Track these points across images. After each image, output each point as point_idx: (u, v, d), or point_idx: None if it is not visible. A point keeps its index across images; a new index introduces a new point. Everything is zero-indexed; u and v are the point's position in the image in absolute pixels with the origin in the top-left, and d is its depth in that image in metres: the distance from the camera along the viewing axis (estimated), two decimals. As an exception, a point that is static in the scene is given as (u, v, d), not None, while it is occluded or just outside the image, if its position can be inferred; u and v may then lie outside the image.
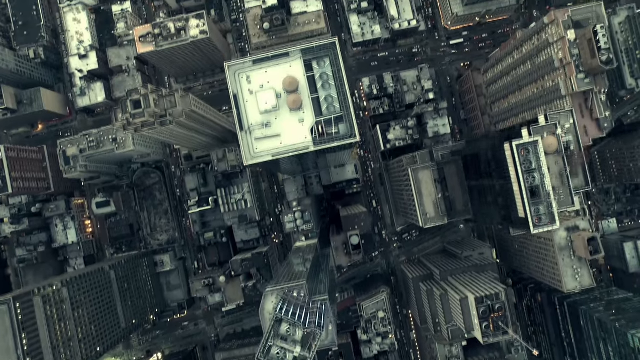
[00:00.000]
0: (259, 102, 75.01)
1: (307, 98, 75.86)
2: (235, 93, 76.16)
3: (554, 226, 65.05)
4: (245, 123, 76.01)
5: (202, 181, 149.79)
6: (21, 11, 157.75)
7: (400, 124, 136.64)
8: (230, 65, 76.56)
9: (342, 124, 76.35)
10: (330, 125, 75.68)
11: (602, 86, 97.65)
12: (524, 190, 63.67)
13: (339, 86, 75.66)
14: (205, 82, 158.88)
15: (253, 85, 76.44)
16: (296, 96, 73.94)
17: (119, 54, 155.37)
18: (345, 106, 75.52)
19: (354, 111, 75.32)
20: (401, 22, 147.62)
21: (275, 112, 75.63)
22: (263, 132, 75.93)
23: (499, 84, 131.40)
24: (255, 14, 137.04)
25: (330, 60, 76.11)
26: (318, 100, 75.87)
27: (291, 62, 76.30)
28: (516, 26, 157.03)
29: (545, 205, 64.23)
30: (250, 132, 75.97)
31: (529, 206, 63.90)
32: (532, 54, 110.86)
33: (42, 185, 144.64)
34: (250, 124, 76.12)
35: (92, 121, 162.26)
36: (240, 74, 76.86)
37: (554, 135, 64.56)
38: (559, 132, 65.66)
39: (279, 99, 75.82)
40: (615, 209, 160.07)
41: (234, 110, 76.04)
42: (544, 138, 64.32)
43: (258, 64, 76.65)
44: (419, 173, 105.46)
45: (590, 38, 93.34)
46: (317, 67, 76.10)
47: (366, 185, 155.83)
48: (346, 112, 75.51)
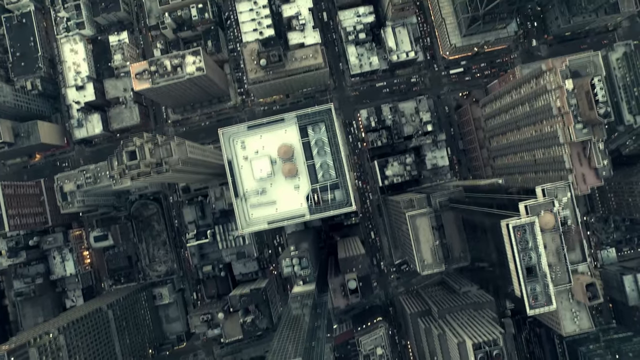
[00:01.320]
0: (253, 170, 74.60)
1: (302, 164, 75.40)
2: (229, 159, 75.64)
3: (550, 307, 64.80)
4: (240, 190, 75.56)
5: (200, 214, 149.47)
6: (19, 42, 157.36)
7: (398, 160, 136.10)
8: (224, 132, 75.92)
9: (338, 190, 75.86)
10: (326, 191, 75.18)
11: (600, 136, 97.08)
12: (520, 270, 63.31)
13: (334, 152, 75.17)
14: (202, 112, 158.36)
15: (248, 151, 75.97)
16: (291, 165, 73.48)
17: (115, 85, 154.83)
18: (341, 173, 75.03)
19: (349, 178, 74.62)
20: (399, 54, 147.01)
21: (271, 179, 75.12)
22: (258, 199, 75.55)
23: (497, 120, 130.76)
24: (251, 48, 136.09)
25: (326, 125, 75.61)
26: (314, 166, 75.40)
27: (286, 127, 75.83)
28: (514, 55, 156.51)
29: (542, 285, 63.90)
30: (245, 199, 75.55)
31: (525, 286, 63.53)
32: (530, 97, 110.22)
33: (39, 220, 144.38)
34: (246, 191, 75.71)
35: (89, 151, 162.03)
36: (235, 139, 76.34)
37: (551, 213, 64.14)
38: (557, 208, 65.16)
39: (274, 165, 75.38)
40: (614, 237, 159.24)
41: (229, 177, 75.47)
42: (541, 216, 63.87)
43: (253, 129, 76.14)
44: (417, 220, 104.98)
45: (587, 90, 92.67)
46: (312, 132, 75.65)
47: (364, 216, 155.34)
48: (342, 179, 75.02)
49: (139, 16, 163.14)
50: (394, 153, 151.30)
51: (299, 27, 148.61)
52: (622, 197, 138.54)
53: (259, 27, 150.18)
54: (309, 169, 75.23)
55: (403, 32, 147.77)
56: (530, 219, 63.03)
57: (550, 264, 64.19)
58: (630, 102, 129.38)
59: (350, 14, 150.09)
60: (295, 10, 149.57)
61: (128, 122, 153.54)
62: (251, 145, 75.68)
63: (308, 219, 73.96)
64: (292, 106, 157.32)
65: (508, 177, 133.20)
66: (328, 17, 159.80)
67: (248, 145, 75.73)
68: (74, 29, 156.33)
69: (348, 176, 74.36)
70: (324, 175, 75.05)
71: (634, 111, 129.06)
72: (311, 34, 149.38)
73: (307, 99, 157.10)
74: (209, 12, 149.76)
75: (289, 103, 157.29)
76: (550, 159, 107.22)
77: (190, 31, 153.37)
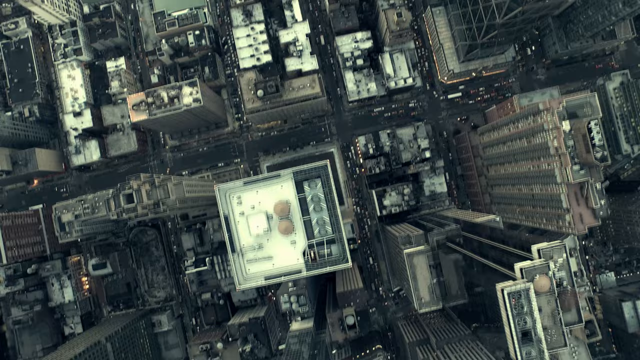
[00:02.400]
0: (250, 226, 74.53)
1: (298, 220, 75.34)
2: (225, 214, 75.55)
3: (546, 372, 65.14)
4: (236, 245, 75.53)
5: (198, 241, 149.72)
6: (16, 68, 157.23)
7: (396, 189, 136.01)
8: (220, 188, 75.82)
9: (334, 244, 75.80)
10: (323, 246, 75.14)
11: (597, 178, 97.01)
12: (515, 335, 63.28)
13: (330, 208, 75.12)
14: (200, 138, 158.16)
15: (244, 207, 75.89)
16: (288, 223, 73.43)
17: (113, 112, 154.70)
18: (337, 229, 74.97)
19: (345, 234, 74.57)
20: (397, 80, 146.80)
21: (267, 234, 75.08)
22: (255, 254, 75.53)
23: (495, 150, 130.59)
24: (248, 78, 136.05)
25: (322, 181, 75.52)
26: (310, 222, 75.32)
27: (282, 183, 75.73)
28: (512, 79, 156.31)
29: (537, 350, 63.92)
30: (242, 254, 75.48)
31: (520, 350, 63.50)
32: (527, 134, 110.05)
33: (37, 249, 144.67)
34: (242, 246, 75.68)
35: (87, 177, 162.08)
36: (231, 195, 76.24)
37: (547, 276, 64.14)
38: (552, 270, 65.13)
39: (270, 221, 75.33)
40: (613, 260, 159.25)
41: (225, 232, 75.37)
42: (536, 280, 63.90)
43: (249, 185, 75.97)
44: (414, 258, 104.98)
45: (584, 133, 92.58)
46: (308, 188, 75.56)
47: (363, 241, 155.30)
48: (338, 234, 74.97)
49: (136, 41, 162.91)
50: (392, 179, 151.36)
51: (296, 53, 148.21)
52: (621, 224, 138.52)
53: (256, 52, 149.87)
54: (305, 224, 75.23)
55: (401, 58, 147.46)
56: (525, 285, 63.00)
57: (545, 327, 64.23)
58: (627, 132, 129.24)
59: (348, 40, 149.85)
60: (293, 36, 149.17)
61: (126, 149, 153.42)
62: (247, 201, 75.61)
63: (304, 275, 74.00)
64: (290, 131, 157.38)
65: (506, 206, 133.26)
66: (326, 41, 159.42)
67: (244, 200, 75.64)
68: (71, 55, 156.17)
69: (344, 232, 74.28)
70: (320, 231, 75.05)
71: (632, 141, 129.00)
72: (308, 60, 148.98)
73: (305, 124, 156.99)
74: (205, 39, 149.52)
75: (286, 128, 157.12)
76: (548, 196, 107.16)
77: (187, 57, 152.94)
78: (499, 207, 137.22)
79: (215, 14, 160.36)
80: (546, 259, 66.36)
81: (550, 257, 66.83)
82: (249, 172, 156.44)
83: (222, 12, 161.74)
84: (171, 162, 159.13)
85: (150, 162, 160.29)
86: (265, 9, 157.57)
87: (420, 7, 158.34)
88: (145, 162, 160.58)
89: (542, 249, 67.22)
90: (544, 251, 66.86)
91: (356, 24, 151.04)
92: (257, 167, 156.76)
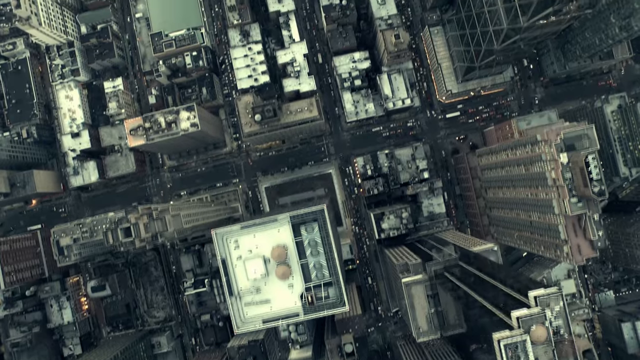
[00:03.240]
0: (247, 271, 74.61)
1: (295, 263, 75.39)
2: (223, 258, 75.56)
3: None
4: (234, 289, 75.59)
5: (197, 262, 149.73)
6: (14, 89, 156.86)
7: (394, 213, 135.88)
8: (217, 232, 75.79)
9: (331, 287, 75.88)
10: (320, 289, 75.22)
11: (594, 211, 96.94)
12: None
13: (327, 252, 75.16)
14: (199, 158, 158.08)
15: (241, 250, 75.95)
16: (285, 268, 73.48)
17: (111, 133, 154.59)
18: (334, 272, 75.01)
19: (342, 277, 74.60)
20: (395, 101, 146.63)
21: (265, 278, 75.12)
22: (253, 298, 75.62)
23: (493, 173, 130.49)
24: (246, 101, 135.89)
25: (319, 225, 75.55)
26: (307, 265, 75.37)
27: (279, 226, 75.76)
28: (511, 97, 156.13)
29: (535, 401, 64.27)
30: (239, 298, 75.52)
31: (518, 402, 63.84)
32: (525, 161, 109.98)
33: (36, 272, 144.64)
34: (240, 289, 75.77)
35: (86, 197, 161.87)
36: (228, 239, 76.25)
37: (543, 326, 64.26)
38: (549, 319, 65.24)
39: (267, 265, 75.37)
40: (612, 278, 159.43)
41: (223, 276, 75.44)
42: (533, 330, 63.99)
43: (246, 228, 75.97)
44: (412, 288, 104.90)
45: (582, 167, 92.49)
46: (305, 232, 75.55)
47: (362, 261, 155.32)
48: (335, 278, 75.04)
49: (134, 61, 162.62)
50: (390, 199, 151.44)
51: (294, 74, 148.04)
52: (619, 246, 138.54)
53: (253, 73, 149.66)
54: (302, 267, 75.30)
55: (399, 78, 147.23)
56: (522, 337, 63.11)
57: (543, 378, 64.58)
58: (625, 155, 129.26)
59: (346, 60, 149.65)
60: (290, 56, 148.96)
61: (124, 170, 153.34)
62: (245, 245, 75.66)
63: (302, 319, 74.12)
64: (288, 151, 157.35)
65: (504, 229, 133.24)
66: (323, 59, 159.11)
67: (242, 244, 75.71)
68: (68, 75, 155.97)
69: (341, 275, 74.31)
70: (317, 275, 75.14)
71: (629, 164, 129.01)
72: (306, 80, 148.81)
73: (303, 144, 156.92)
74: (203, 60, 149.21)
75: (285, 148, 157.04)
76: (546, 225, 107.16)
77: (184, 77, 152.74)
78: (497, 230, 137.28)
79: (212, 33, 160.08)
80: (543, 307, 66.40)
81: (547, 305, 66.87)
82: (247, 193, 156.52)
83: (220, 31, 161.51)
84: (170, 182, 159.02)
85: (148, 182, 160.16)
86: (263, 27, 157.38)
87: (419, 26, 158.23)
88: (143, 182, 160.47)
89: (539, 296, 67.26)
90: (540, 299, 66.92)
91: (354, 43, 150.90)
92: (256, 188, 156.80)
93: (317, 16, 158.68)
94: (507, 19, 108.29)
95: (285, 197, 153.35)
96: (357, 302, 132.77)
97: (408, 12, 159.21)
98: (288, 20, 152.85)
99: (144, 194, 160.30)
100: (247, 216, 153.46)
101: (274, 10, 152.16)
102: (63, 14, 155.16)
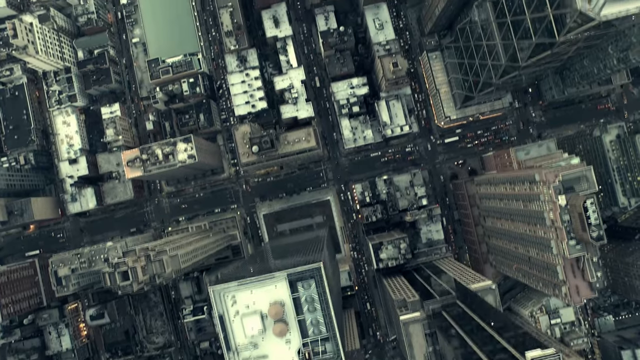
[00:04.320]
0: (244, 327, 74.45)
1: (293, 319, 75.27)
2: (220, 314, 75.38)
3: None
4: (232, 344, 75.44)
5: (196, 289, 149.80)
6: (12, 115, 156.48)
7: (393, 243, 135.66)
8: (214, 289, 75.63)
9: (328, 342, 75.77)
10: (317, 344, 75.10)
11: (593, 254, 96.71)
12: None
13: (324, 308, 75.04)
14: (197, 184, 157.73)
15: (239, 306, 75.77)
16: (282, 326, 73.31)
17: (108, 159, 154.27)
18: (332, 328, 74.85)
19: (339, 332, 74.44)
20: (393, 128, 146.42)
21: (262, 334, 74.97)
22: (250, 353, 75.42)
23: (491, 203, 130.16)
24: (243, 131, 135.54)
25: (316, 281, 75.36)
26: (304, 321, 75.22)
27: (276, 283, 75.57)
28: (510, 122, 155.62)
29: None
30: (237, 353, 75.38)
31: None
32: (523, 198, 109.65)
33: (34, 301, 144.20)
34: (237, 345, 75.56)
35: (84, 222, 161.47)
36: (226, 294, 76.07)
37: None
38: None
39: (265, 321, 75.19)
40: (612, 301, 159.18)
41: (220, 332, 75.27)
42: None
43: (243, 285, 75.79)
44: (410, 327, 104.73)
45: (580, 212, 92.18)
46: (302, 289, 75.45)
47: (360, 287, 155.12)
48: (332, 334, 74.89)
49: (131, 85, 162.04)
50: (389, 226, 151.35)
51: (291, 100, 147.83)
52: (619, 274, 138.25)
53: (251, 99, 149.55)
54: (299, 323, 75.19)
55: (397, 105, 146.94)
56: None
57: None
58: (624, 185, 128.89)
59: (344, 86, 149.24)
60: (288, 82, 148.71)
61: (122, 197, 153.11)
62: (242, 300, 75.50)
63: (300, 377, 74.08)
64: (286, 177, 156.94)
65: (503, 260, 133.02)
66: (321, 83, 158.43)
67: (239, 300, 75.55)
68: (65, 101, 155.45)
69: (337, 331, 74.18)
70: (314, 331, 75.04)
71: (628, 194, 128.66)
72: (304, 107, 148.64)
73: (302, 170, 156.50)
74: (200, 87, 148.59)
75: (283, 174, 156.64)
76: (544, 263, 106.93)
77: (182, 103, 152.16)
78: (496, 259, 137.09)
79: (209, 57, 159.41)
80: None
81: (547, 366, 66.74)
82: (245, 219, 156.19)
83: (217, 55, 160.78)
84: (168, 208, 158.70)
85: (146, 207, 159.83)
86: (260, 52, 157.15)
87: (417, 50, 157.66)
88: (142, 207, 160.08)
89: (535, 357, 67.15)
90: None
91: (352, 69, 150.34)
92: (254, 213, 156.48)
93: (314, 40, 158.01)
94: (505, 55, 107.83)
95: (284, 224, 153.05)
96: (356, 334, 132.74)
97: (406, 35, 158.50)
98: (285, 45, 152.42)
99: (142, 219, 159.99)
100: (246, 242, 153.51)
101: (271, 35, 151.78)
102: (60, 40, 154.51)
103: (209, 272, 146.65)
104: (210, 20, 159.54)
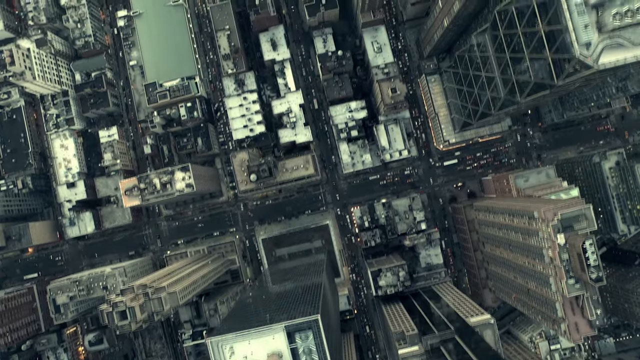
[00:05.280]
0: (242, 380, 74.23)
1: (290, 370, 74.98)
2: (218, 365, 75.18)
3: None
4: (229, 395, 75.11)
5: (195, 314, 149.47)
6: (9, 138, 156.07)
7: (391, 270, 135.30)
8: (212, 340, 75.31)
9: (327, 393, 75.59)
10: (316, 393, 74.95)
11: (592, 293, 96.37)
12: None
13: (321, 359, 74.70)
14: (195, 207, 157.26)
15: (237, 357, 75.50)
16: (279, 380, 73.07)
17: (106, 183, 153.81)
18: (329, 380, 74.67)
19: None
20: (392, 153, 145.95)
21: (260, 386, 74.83)
22: (247, 404, 75.19)
23: (490, 230, 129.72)
24: (241, 159, 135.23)
25: (314, 333, 75.03)
26: (302, 373, 75.05)
27: (274, 334, 75.23)
28: (509, 144, 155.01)
29: None
30: (234, 404, 75.13)
31: None
32: (522, 231, 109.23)
33: (32, 328, 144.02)
34: (235, 395, 75.26)
35: (82, 245, 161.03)
36: (223, 345, 75.76)
37: None
38: None
39: (262, 372, 74.89)
40: (612, 322, 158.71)
41: (218, 384, 75.05)
42: None
43: (241, 336, 75.47)
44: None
45: (579, 252, 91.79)
46: (299, 340, 75.15)
47: (360, 309, 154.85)
48: (330, 385, 74.74)
49: (129, 107, 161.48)
50: (388, 249, 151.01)
51: (290, 124, 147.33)
52: (618, 300, 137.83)
53: (249, 123, 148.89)
54: (297, 375, 75.03)
55: (396, 129, 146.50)
56: None
57: None
58: (624, 213, 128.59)
59: (342, 110, 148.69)
60: (286, 106, 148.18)
61: (120, 221, 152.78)
62: (240, 351, 75.24)
63: None
64: (285, 200, 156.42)
65: (502, 287, 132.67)
66: (320, 106, 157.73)
67: (237, 350, 75.30)
68: (63, 125, 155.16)
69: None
70: (313, 382, 74.90)
71: (628, 222, 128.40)
72: (302, 131, 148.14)
73: (300, 193, 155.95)
74: (197, 111, 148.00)
75: (281, 197, 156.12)
76: (543, 297, 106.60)
77: (180, 127, 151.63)
78: (496, 285, 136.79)
79: (207, 80, 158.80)
80: None
81: None
82: (244, 242, 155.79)
83: (215, 78, 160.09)
84: (166, 231, 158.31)
85: (145, 231, 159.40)
86: (258, 74, 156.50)
87: (415, 72, 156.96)
88: (140, 230, 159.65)
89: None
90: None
91: (350, 92, 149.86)
92: (253, 237, 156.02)
93: (312, 62, 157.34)
94: (504, 88, 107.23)
95: (282, 248, 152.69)
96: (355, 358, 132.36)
97: (405, 57, 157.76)
98: (283, 68, 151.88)
99: (140, 242, 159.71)
100: (245, 267, 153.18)
101: (269, 58, 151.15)
102: (57, 64, 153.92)
103: (208, 297, 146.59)
104: (208, 43, 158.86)
